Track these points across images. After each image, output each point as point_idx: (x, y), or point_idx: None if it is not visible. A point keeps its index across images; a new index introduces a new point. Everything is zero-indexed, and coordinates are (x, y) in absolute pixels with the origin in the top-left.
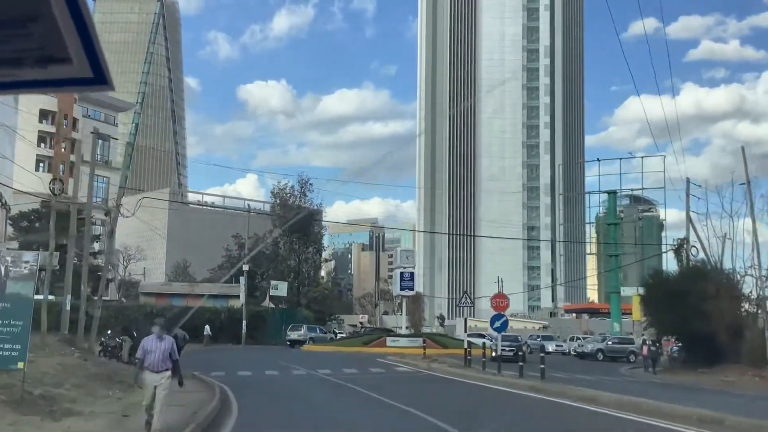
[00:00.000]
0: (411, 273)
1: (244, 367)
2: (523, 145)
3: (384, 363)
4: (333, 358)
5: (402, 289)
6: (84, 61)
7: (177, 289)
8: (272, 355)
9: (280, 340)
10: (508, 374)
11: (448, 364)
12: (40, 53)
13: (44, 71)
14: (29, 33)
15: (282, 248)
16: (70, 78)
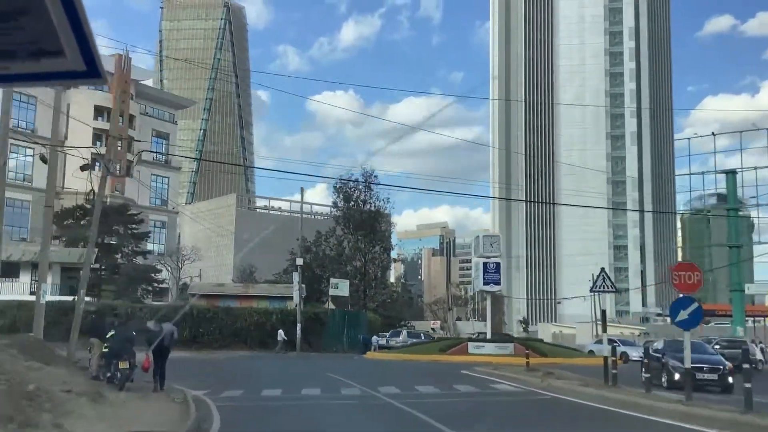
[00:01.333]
0: (496, 264)
1: (277, 381)
2: (607, 136)
3: (474, 378)
4: (401, 370)
5: (486, 284)
6: (77, 55)
7: (229, 290)
8: (324, 365)
9: (340, 347)
10: (706, 401)
11: (576, 381)
12: (33, 46)
13: (37, 64)
14: (21, 26)
15: (347, 248)
16: (64, 71)
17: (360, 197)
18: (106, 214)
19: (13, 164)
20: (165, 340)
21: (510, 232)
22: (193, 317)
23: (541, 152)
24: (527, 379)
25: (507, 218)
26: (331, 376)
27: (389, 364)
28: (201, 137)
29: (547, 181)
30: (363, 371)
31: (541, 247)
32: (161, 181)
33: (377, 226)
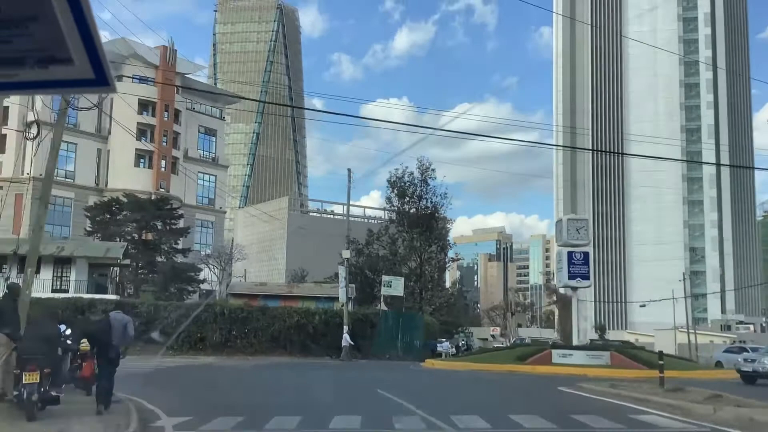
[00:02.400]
0: (584, 254)
1: (300, 403)
2: (682, 129)
3: (589, 400)
4: (477, 385)
5: (572, 278)
6: (86, 62)
7: (272, 289)
8: (373, 377)
9: (394, 353)
10: None
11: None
12: (41, 53)
13: (46, 72)
14: (30, 33)
15: (401, 246)
16: (72, 79)
17: (415, 192)
18: (143, 207)
19: None
20: (108, 336)
21: None
22: (224, 318)
23: (609, 148)
24: (683, 405)
25: None
26: (382, 395)
27: (457, 377)
28: (254, 141)
29: (616, 178)
30: (425, 387)
31: (610, 248)
32: (208, 179)
33: (434, 223)
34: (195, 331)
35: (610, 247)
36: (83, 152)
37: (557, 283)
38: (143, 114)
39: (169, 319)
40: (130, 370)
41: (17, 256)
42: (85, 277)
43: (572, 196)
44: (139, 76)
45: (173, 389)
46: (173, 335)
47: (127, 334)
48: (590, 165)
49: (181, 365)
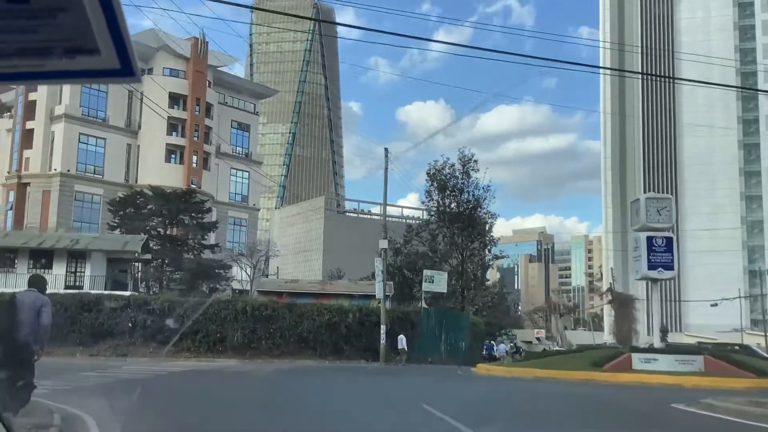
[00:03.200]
0: (667, 239)
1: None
2: (738, 120)
3: (734, 427)
4: (553, 402)
5: (652, 268)
6: (112, 53)
7: (303, 287)
8: (415, 386)
9: (437, 356)
10: None
11: None
12: (68, 44)
13: (72, 62)
14: (58, 23)
15: (441, 243)
16: (98, 69)
17: (456, 185)
18: (168, 200)
19: (83, 156)
20: (13, 324)
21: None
22: (246, 316)
23: (661, 139)
24: None
25: (622, 217)
26: (429, 412)
27: (527, 388)
28: (290, 141)
29: (669, 171)
30: (484, 401)
31: None
32: (241, 175)
33: (476, 218)
34: (214, 330)
35: None
36: (112, 147)
37: (636, 274)
38: (174, 108)
39: (186, 318)
40: (123, 375)
41: (28, 250)
42: (102, 272)
43: (621, 191)
44: (170, 69)
45: (155, 405)
46: (176, 335)
47: (41, 325)
48: (641, 157)
49: (192, 370)
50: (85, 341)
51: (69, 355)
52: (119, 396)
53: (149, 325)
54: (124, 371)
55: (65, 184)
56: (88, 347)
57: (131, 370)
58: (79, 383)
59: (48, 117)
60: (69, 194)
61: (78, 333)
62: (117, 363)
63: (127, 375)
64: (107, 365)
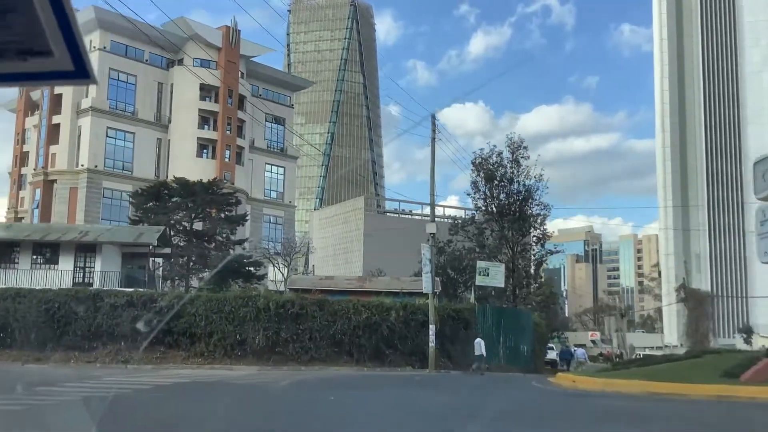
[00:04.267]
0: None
1: None
2: None
3: None
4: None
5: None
6: (65, 54)
7: (340, 284)
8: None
9: (495, 360)
10: None
11: None
12: (20, 45)
13: (25, 64)
14: (8, 24)
15: (489, 238)
16: (51, 71)
17: (505, 174)
18: (194, 192)
19: (112, 151)
20: None
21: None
22: (269, 314)
23: (723, 128)
24: None
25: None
26: None
27: (635, 410)
28: (329, 141)
29: (733, 159)
30: None
31: (726, 237)
32: (276, 171)
33: (527, 210)
34: (231, 332)
35: (727, 237)
36: (142, 142)
37: (759, 256)
38: (206, 100)
39: (198, 316)
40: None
41: (31, 243)
42: (116, 267)
43: (682, 184)
44: (201, 59)
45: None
46: (185, 338)
47: None
48: (703, 146)
49: (192, 381)
50: (81, 345)
51: (63, 361)
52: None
53: (156, 325)
54: (103, 383)
55: (93, 181)
56: (85, 352)
57: (114, 383)
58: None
59: (74, 111)
60: (97, 191)
61: (73, 336)
62: (112, 372)
63: (102, 390)
64: (96, 375)
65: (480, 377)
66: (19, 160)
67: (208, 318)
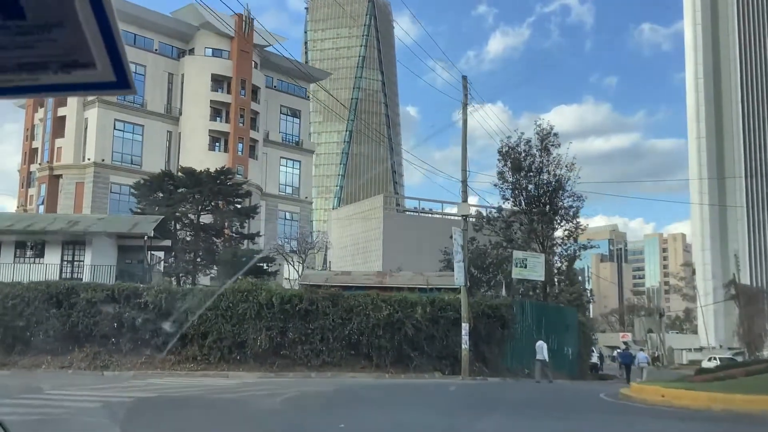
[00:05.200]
0: None
1: None
2: None
3: None
4: None
5: None
6: (108, 66)
7: (357, 279)
8: None
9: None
10: None
11: None
12: (65, 58)
13: (68, 76)
14: (54, 38)
15: (518, 231)
16: (94, 82)
17: (534, 164)
18: (200, 182)
19: (119, 145)
20: None
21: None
22: (272, 312)
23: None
24: None
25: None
26: None
27: None
28: (347, 138)
29: None
30: None
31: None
32: (292, 165)
33: (558, 202)
34: (229, 332)
35: None
36: (151, 135)
37: None
38: (218, 91)
39: (190, 314)
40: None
41: (14, 235)
42: (110, 261)
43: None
44: (212, 48)
45: None
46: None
47: None
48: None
49: (168, 395)
50: (55, 348)
51: (32, 367)
52: None
53: (141, 324)
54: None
55: (99, 175)
56: (59, 356)
57: (49, 400)
58: None
59: (81, 102)
60: (104, 186)
61: (45, 337)
62: (81, 381)
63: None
64: (60, 383)
65: (541, 385)
66: (28, 157)
67: (202, 316)
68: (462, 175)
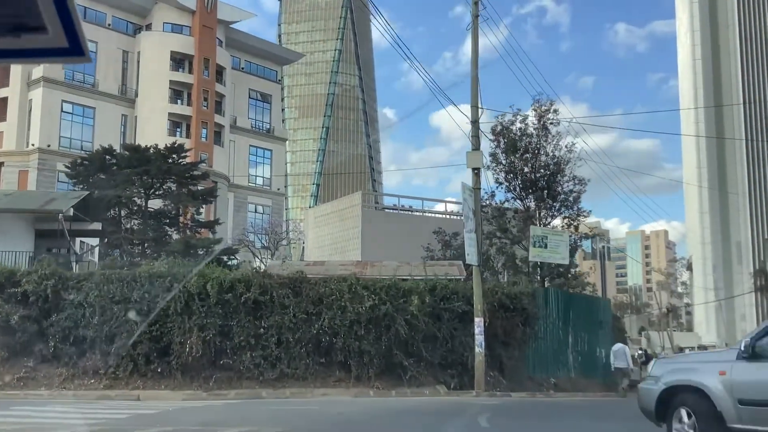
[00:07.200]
0: None
1: None
2: None
3: None
4: None
5: None
6: (60, 31)
7: (334, 270)
8: None
9: (564, 373)
10: None
11: None
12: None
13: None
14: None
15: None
16: (45, 48)
17: (530, 144)
18: (147, 161)
19: (68, 129)
20: None
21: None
22: (209, 304)
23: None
24: None
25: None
26: None
27: None
28: (324, 135)
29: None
30: None
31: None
32: (262, 154)
33: (558, 185)
34: (145, 335)
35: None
36: (103, 118)
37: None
38: (179, 71)
39: (87, 308)
40: None
41: None
42: (26, 248)
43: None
44: (172, 24)
45: None
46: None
47: None
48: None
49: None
50: None
51: None
52: None
53: (18, 323)
54: None
55: (45, 162)
56: None
57: None
58: None
59: (25, 82)
60: (50, 174)
61: None
62: None
63: None
64: None
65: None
66: None
67: (107, 311)
68: (472, 114)
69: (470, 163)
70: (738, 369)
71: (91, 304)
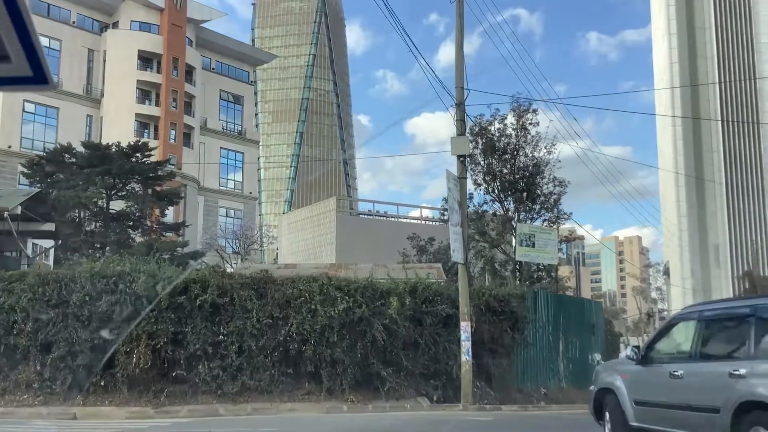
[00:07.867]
0: None
1: None
2: None
3: None
4: None
5: None
6: (23, 60)
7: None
8: None
9: (554, 381)
10: None
11: None
12: None
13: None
14: None
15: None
16: (9, 77)
17: (509, 145)
18: (110, 159)
19: (29, 130)
20: None
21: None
22: (160, 307)
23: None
24: None
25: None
26: None
27: None
28: (298, 140)
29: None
30: None
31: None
32: (233, 157)
33: (538, 187)
34: (86, 343)
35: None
36: (68, 118)
37: None
38: (147, 71)
39: (19, 312)
40: None
41: None
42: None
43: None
44: (139, 22)
45: None
46: None
47: None
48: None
49: None
50: None
51: None
52: None
53: None
54: None
55: (5, 165)
56: None
57: None
58: None
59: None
60: (11, 176)
61: None
62: None
63: None
64: None
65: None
66: None
67: (38, 318)
68: (457, 95)
69: (455, 150)
70: (634, 373)
71: (23, 309)
